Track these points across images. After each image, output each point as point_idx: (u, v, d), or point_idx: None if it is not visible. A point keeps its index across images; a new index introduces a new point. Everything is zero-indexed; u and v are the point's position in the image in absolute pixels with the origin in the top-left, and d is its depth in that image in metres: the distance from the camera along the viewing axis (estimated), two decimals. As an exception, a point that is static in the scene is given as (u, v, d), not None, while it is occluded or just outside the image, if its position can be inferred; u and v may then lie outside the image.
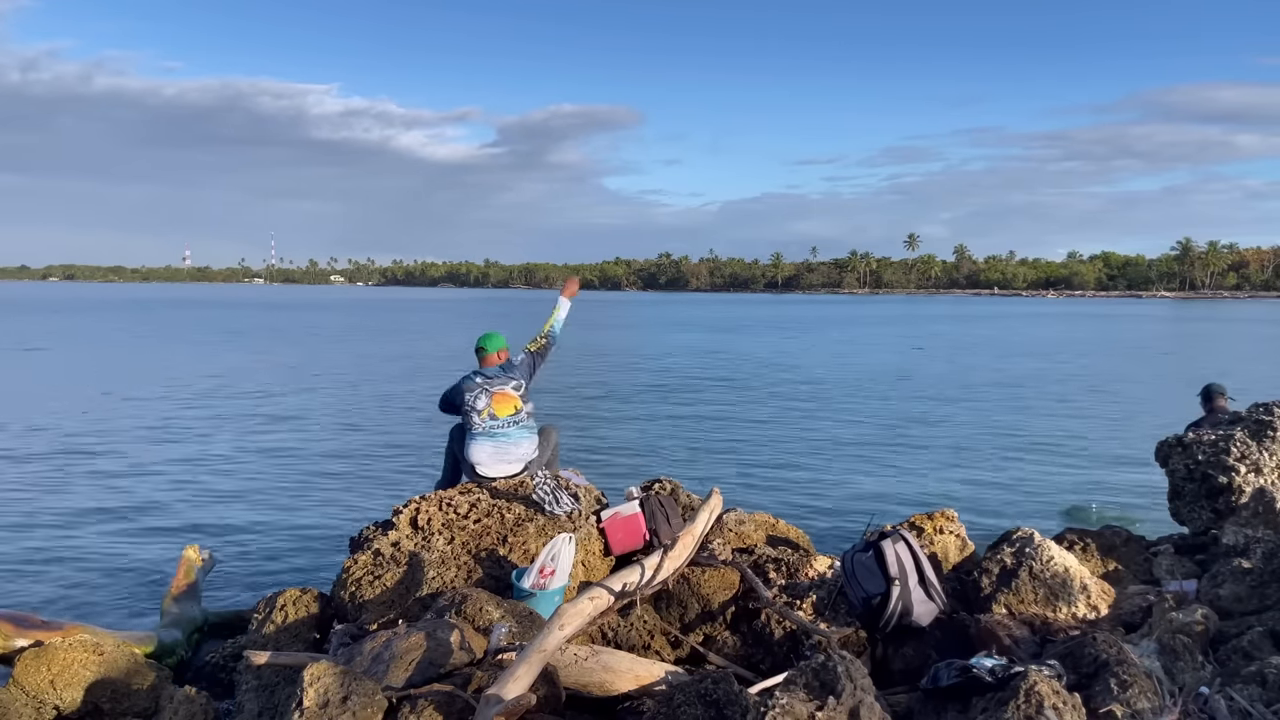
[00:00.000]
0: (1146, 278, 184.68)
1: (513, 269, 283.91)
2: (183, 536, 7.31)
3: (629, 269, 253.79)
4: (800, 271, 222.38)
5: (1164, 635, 3.65)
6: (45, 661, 3.80)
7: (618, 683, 3.47)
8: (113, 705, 3.84)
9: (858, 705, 2.75)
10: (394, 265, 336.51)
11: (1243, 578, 4.25)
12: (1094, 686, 3.10)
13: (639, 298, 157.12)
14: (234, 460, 11.17)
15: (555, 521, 4.87)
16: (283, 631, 4.33)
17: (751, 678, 3.74)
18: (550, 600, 4.07)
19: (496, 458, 5.30)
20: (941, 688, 3.19)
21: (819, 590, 4.34)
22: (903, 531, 4.29)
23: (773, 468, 10.97)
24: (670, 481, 5.78)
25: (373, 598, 4.36)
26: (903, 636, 4.05)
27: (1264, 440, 5.43)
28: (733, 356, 29.56)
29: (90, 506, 8.68)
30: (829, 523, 8.00)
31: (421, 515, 4.84)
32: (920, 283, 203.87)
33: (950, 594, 4.41)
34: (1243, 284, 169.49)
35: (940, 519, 5.04)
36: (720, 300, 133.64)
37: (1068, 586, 4.29)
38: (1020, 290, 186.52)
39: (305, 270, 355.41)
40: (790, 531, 5.51)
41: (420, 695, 3.18)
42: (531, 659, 3.14)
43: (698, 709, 2.93)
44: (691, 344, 35.92)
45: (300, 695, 3.03)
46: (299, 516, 8.39)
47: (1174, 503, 5.71)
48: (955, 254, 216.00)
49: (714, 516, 5.11)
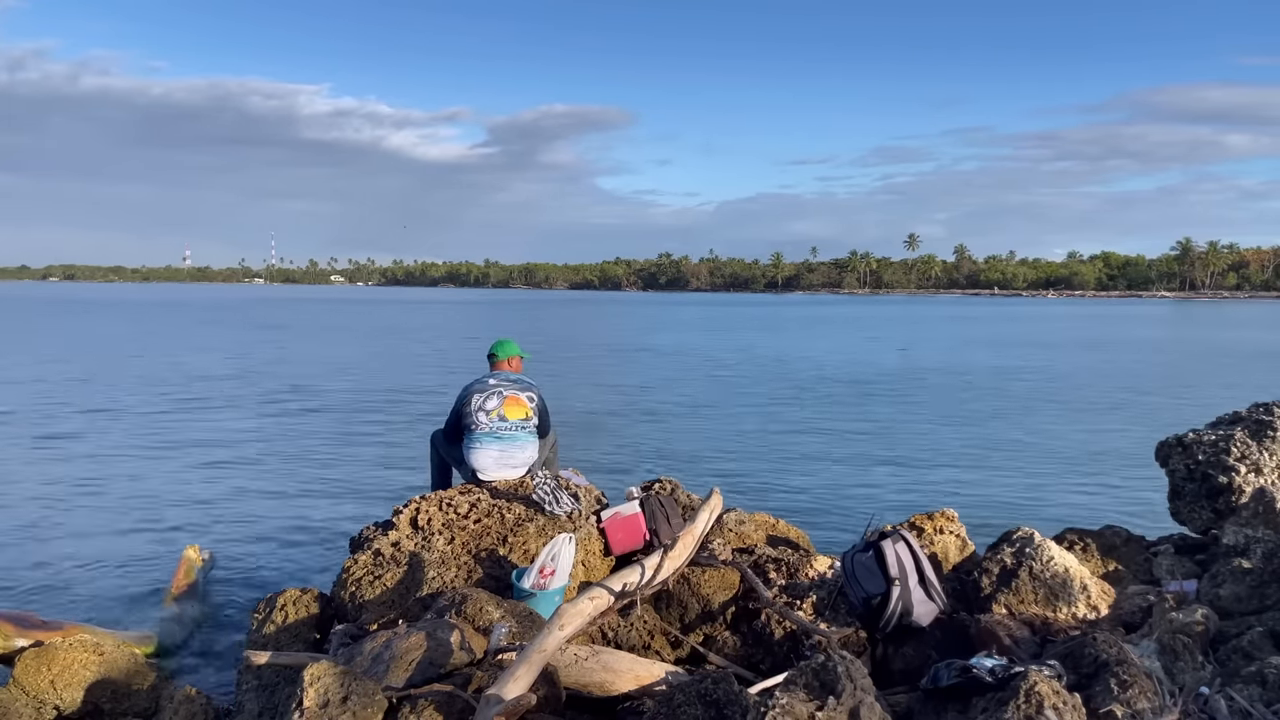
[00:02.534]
0: (1147, 278, 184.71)
1: (513, 269, 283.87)
2: (183, 536, 7.31)
3: (629, 269, 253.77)
4: (800, 271, 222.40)
5: (1164, 635, 3.65)
6: (45, 661, 3.80)
7: (618, 683, 3.47)
8: (113, 705, 3.84)
9: (858, 705, 2.75)
10: (394, 265, 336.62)
11: (1243, 578, 4.25)
12: (1094, 687, 3.10)
13: (640, 298, 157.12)
14: (234, 460, 11.17)
15: (555, 521, 4.87)
16: (283, 631, 4.33)
17: (751, 678, 3.74)
18: (550, 600, 4.07)
19: (501, 462, 5.27)
20: (941, 688, 3.19)
21: (819, 590, 4.34)
22: (903, 531, 4.29)
23: (773, 468, 10.97)
24: (670, 481, 5.78)
25: (373, 598, 4.36)
26: (903, 636, 4.05)
27: (1264, 440, 5.43)
28: (733, 357, 29.56)
29: (90, 506, 8.68)
30: (829, 523, 8.00)
31: (421, 515, 4.84)
32: (920, 283, 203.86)
33: (950, 594, 4.41)
34: (1243, 284, 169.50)
35: (940, 519, 5.04)
36: (721, 301, 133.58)
37: (1068, 586, 4.29)
38: (1020, 290, 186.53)
39: (305, 270, 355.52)
40: (790, 531, 5.51)
41: (420, 695, 3.18)
42: (531, 659, 3.14)
43: (698, 709, 2.93)
44: (691, 345, 35.93)
45: (300, 695, 3.03)
46: (299, 516, 8.39)
47: (1174, 503, 5.71)
48: (955, 254, 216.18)
49: (714, 516, 5.11)
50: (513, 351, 5.79)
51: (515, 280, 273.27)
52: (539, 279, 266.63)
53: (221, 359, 26.53)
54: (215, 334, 39.93)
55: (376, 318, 61.54)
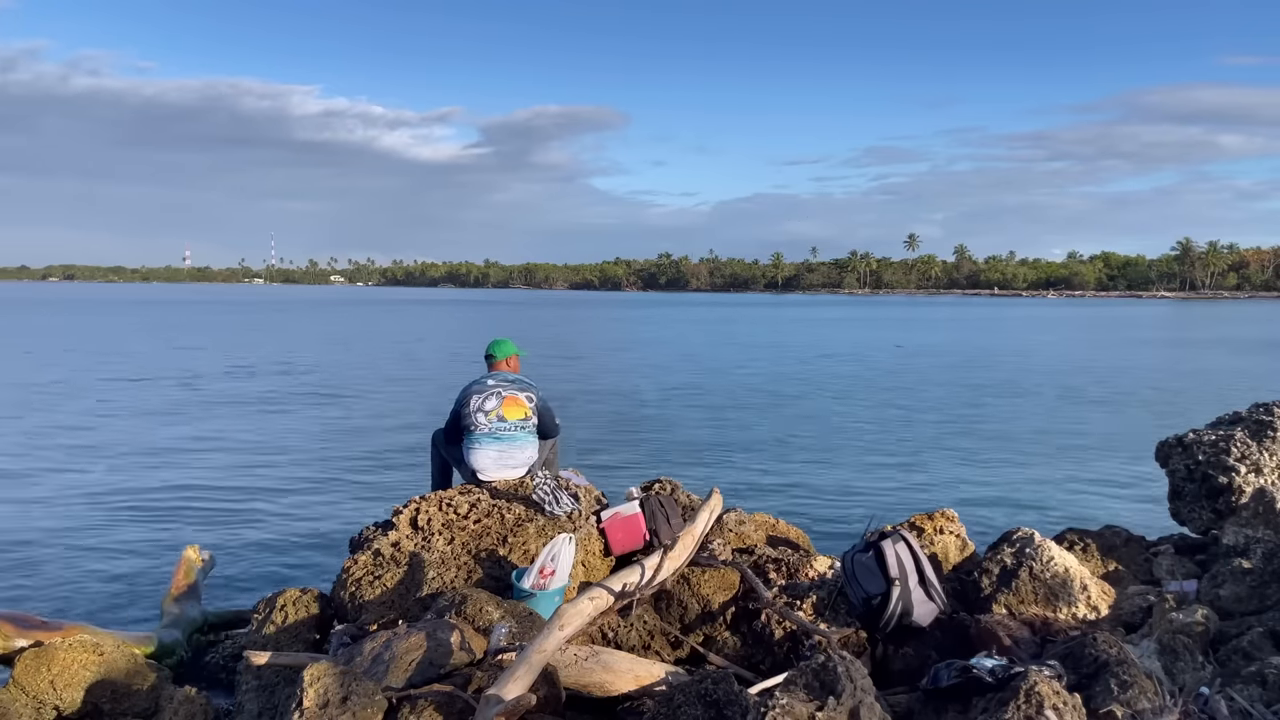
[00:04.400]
0: (1147, 278, 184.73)
1: (512, 269, 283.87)
2: (183, 536, 7.30)
3: (629, 269, 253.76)
4: (800, 272, 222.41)
5: (1164, 635, 3.65)
6: (45, 662, 3.79)
7: (618, 683, 3.47)
8: (113, 706, 3.83)
9: (858, 705, 2.74)
10: (394, 265, 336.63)
11: (1243, 578, 4.25)
12: (1094, 687, 3.10)
13: (641, 298, 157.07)
14: (234, 460, 11.17)
15: (555, 522, 4.86)
16: (283, 632, 4.33)
17: (751, 678, 3.74)
18: (550, 601, 4.07)
19: (500, 462, 5.27)
20: (941, 688, 3.19)
21: (819, 590, 4.34)
22: (903, 532, 4.28)
23: (773, 468, 10.97)
24: (670, 482, 5.77)
25: (373, 598, 4.36)
26: (903, 637, 4.05)
27: (1264, 440, 5.43)
28: (733, 358, 29.55)
29: (90, 506, 8.68)
30: (829, 523, 7.99)
31: (421, 516, 4.84)
32: (920, 283, 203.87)
33: (950, 594, 4.41)
34: (1243, 284, 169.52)
35: (940, 519, 5.04)
36: (722, 301, 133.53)
37: (1068, 587, 4.29)
38: (1020, 290, 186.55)
39: (305, 270, 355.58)
40: (790, 532, 5.51)
41: (420, 695, 3.18)
42: (531, 659, 3.14)
43: (698, 709, 2.93)
44: (691, 344, 35.91)
45: (300, 695, 3.03)
46: (299, 516, 8.39)
47: (1174, 503, 5.70)
48: (955, 254, 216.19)
49: (714, 517, 5.11)
50: (510, 351, 5.78)
51: (515, 280, 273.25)
52: (539, 279, 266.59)
53: (219, 360, 26.53)
54: (214, 334, 39.93)
55: (378, 320, 61.46)
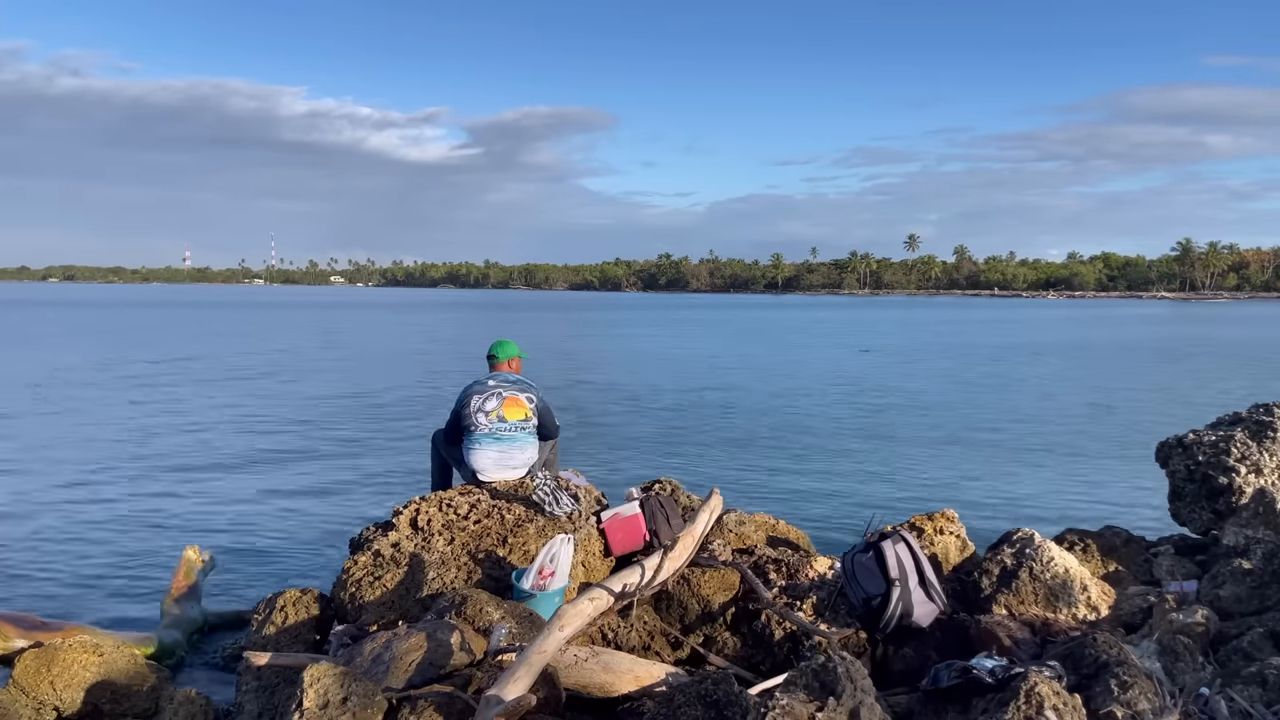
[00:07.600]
0: (1147, 278, 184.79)
1: (512, 269, 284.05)
2: (183, 537, 7.30)
3: (629, 269, 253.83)
4: (800, 272, 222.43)
5: (1164, 636, 3.65)
6: (45, 662, 3.80)
7: (618, 684, 3.47)
8: (113, 706, 3.83)
9: (858, 706, 2.74)
10: (394, 266, 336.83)
11: (1243, 578, 4.25)
12: (1094, 687, 3.10)
13: (642, 299, 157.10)
14: (234, 460, 11.17)
15: (555, 522, 4.87)
16: (283, 632, 4.33)
17: (752, 678, 3.74)
18: (550, 601, 4.07)
19: (500, 463, 5.27)
20: (942, 689, 3.19)
21: (819, 591, 4.34)
22: (903, 532, 4.29)
23: (772, 468, 10.97)
24: (670, 482, 5.78)
25: (373, 599, 4.36)
26: (903, 637, 4.05)
27: (1264, 440, 5.43)
28: (732, 358, 29.56)
29: (90, 506, 8.67)
30: (829, 523, 7.99)
31: (421, 516, 4.84)
32: (920, 284, 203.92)
33: (950, 595, 4.41)
34: (1243, 285, 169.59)
35: (940, 519, 5.04)
36: (723, 303, 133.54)
37: (1068, 587, 4.29)
38: (1020, 291, 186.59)
39: (305, 271, 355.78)
40: (790, 532, 5.51)
41: (420, 696, 3.18)
42: (531, 660, 3.14)
43: (698, 710, 2.93)
44: (691, 345, 35.93)
45: (300, 696, 3.03)
46: (299, 517, 8.38)
47: (1174, 503, 5.71)
48: (955, 255, 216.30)
49: (714, 517, 5.11)
50: (512, 352, 5.79)
51: (515, 281, 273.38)
52: (539, 280, 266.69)
53: (219, 360, 26.53)
54: (214, 334, 39.95)
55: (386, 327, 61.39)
